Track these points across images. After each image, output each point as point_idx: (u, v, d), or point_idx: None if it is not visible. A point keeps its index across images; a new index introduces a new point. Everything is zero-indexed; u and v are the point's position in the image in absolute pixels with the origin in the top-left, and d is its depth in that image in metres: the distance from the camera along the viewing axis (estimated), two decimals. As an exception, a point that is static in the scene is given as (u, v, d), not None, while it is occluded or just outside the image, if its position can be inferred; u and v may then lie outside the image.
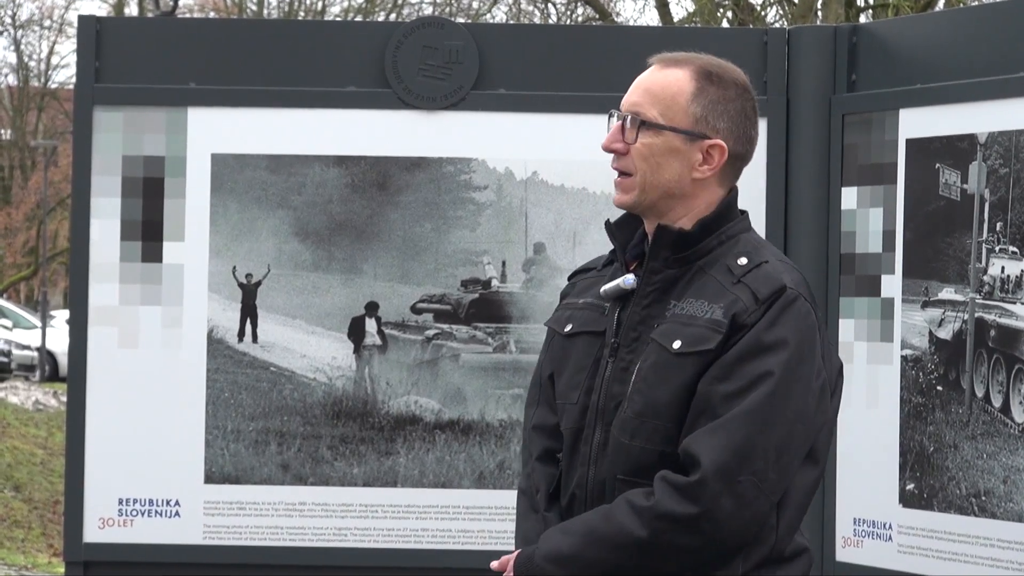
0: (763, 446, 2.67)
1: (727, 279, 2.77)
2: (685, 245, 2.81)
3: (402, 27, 4.77)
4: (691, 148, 2.82)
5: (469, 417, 4.68)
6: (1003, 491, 4.15)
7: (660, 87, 2.83)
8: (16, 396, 20.88)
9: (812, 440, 2.75)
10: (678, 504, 2.66)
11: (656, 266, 2.82)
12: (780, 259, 2.83)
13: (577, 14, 24.79)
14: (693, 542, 2.67)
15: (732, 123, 2.83)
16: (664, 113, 2.81)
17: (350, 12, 31.22)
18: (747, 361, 2.69)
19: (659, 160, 2.81)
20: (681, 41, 4.91)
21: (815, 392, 2.73)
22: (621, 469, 2.78)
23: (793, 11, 18.58)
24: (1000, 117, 4.21)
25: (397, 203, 4.71)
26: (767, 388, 2.67)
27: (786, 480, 2.71)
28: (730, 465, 2.65)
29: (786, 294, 2.73)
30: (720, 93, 2.83)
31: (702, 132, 2.81)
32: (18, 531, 14.51)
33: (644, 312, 2.82)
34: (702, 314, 2.74)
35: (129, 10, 36.06)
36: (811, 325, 2.74)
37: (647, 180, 2.82)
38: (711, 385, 2.71)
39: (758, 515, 2.69)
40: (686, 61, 2.85)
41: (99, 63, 4.73)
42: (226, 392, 4.69)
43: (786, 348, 2.69)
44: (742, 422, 2.67)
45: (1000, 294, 4.20)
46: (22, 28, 41.07)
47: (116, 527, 4.68)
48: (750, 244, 2.83)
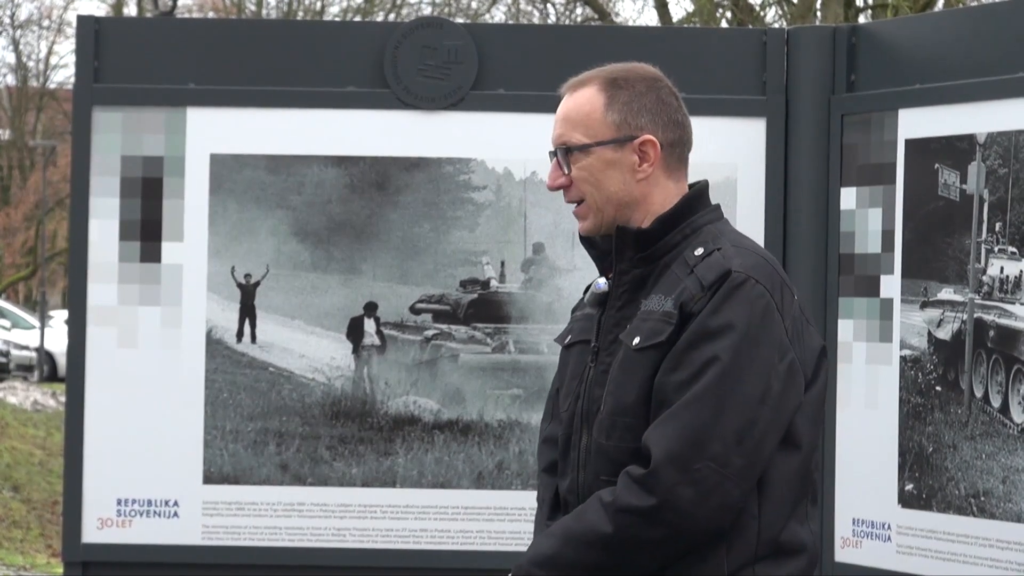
0: (718, 431, 2.67)
1: (684, 271, 2.80)
2: (646, 243, 2.85)
3: (401, 27, 4.77)
4: (624, 154, 2.87)
5: (468, 417, 4.68)
6: (1002, 491, 4.15)
7: (575, 110, 2.90)
8: (15, 396, 20.87)
9: (784, 423, 2.74)
10: (636, 497, 2.68)
11: (623, 267, 2.87)
12: (737, 244, 2.84)
13: (576, 14, 24.79)
14: (658, 533, 2.68)
15: (652, 115, 2.88)
16: (587, 133, 2.87)
17: (349, 12, 31.23)
18: (694, 348, 2.72)
19: (599, 177, 2.87)
20: (680, 41, 4.92)
21: (780, 374, 2.72)
22: (604, 470, 2.80)
23: (792, 11, 18.58)
24: (999, 117, 4.21)
25: (396, 203, 4.71)
26: (715, 372, 2.69)
27: (756, 465, 2.71)
28: (683, 453, 2.67)
29: (731, 278, 2.74)
30: (630, 93, 2.88)
31: (627, 135, 2.86)
32: (17, 531, 14.51)
33: (619, 314, 2.86)
34: (658, 308, 2.78)
35: (128, 10, 36.05)
36: (764, 307, 2.73)
37: (597, 200, 2.88)
38: (665, 376, 2.74)
39: (725, 502, 2.68)
40: (590, 78, 2.92)
41: (98, 63, 4.73)
42: (225, 392, 4.69)
43: (733, 332, 2.70)
44: (691, 409, 2.68)
45: (999, 294, 4.20)
46: (21, 28, 41.07)
47: (115, 527, 4.68)
48: (711, 234, 2.86)
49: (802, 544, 2.80)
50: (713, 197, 2.96)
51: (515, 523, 4.64)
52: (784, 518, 2.77)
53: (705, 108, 4.67)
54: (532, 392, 4.67)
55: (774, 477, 2.75)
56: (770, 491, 2.74)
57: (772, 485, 2.75)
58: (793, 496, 2.78)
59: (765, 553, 2.75)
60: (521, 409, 4.67)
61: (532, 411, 4.65)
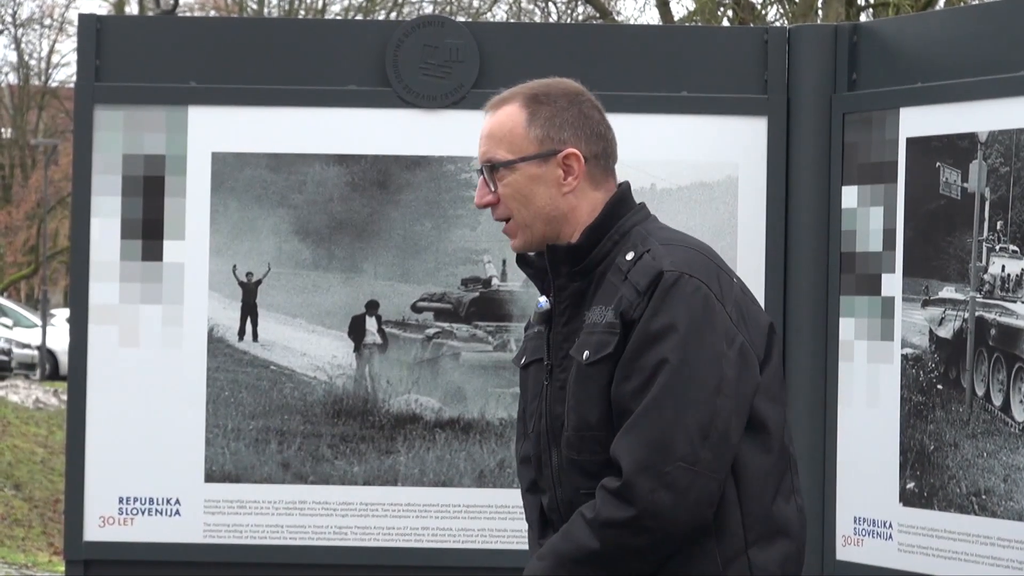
0: (681, 431, 2.68)
1: (618, 278, 2.81)
2: (578, 257, 2.86)
3: (402, 26, 4.77)
4: (548, 168, 2.88)
5: (469, 416, 4.69)
6: (1003, 490, 4.15)
7: (498, 127, 2.90)
8: (17, 395, 20.88)
9: (746, 408, 2.75)
10: (616, 509, 2.70)
11: (561, 283, 2.88)
12: (666, 242, 2.84)
13: (577, 13, 24.80)
14: (644, 541, 2.70)
15: (575, 129, 2.89)
16: (511, 148, 2.88)
17: (350, 11, 31.22)
18: (641, 355, 2.73)
19: (525, 193, 2.88)
20: (681, 40, 4.92)
21: (732, 360, 2.73)
22: (582, 484, 2.82)
23: (793, 10, 18.58)
24: (1001, 116, 4.21)
25: (397, 202, 4.71)
26: (666, 375, 2.70)
27: (726, 455, 2.72)
28: (651, 459, 2.68)
29: (664, 278, 2.75)
30: (551, 108, 2.90)
31: (550, 149, 2.87)
32: (19, 530, 14.52)
33: (565, 329, 2.88)
34: (601, 319, 2.79)
35: (130, 9, 36.05)
36: (702, 300, 2.74)
37: (524, 216, 2.89)
38: (619, 386, 2.75)
39: (703, 497, 2.70)
40: (512, 96, 2.93)
41: (99, 62, 4.73)
42: (226, 391, 4.69)
43: (675, 332, 2.72)
44: (651, 415, 2.70)
45: (1000, 293, 4.20)
46: (23, 27, 41.07)
47: (116, 526, 4.68)
48: (639, 236, 2.86)
49: (788, 521, 2.80)
50: (715, 195, 2.96)
51: (516, 521, 4.63)
52: (768, 498, 2.78)
53: (706, 107, 4.68)
54: (533, 390, 4.67)
55: (747, 462, 2.76)
56: (746, 476, 2.76)
57: (747, 469, 2.76)
58: (774, 476, 2.80)
59: (755, 537, 2.76)
60: (522, 407, 4.67)
61: (533, 409, 4.64)
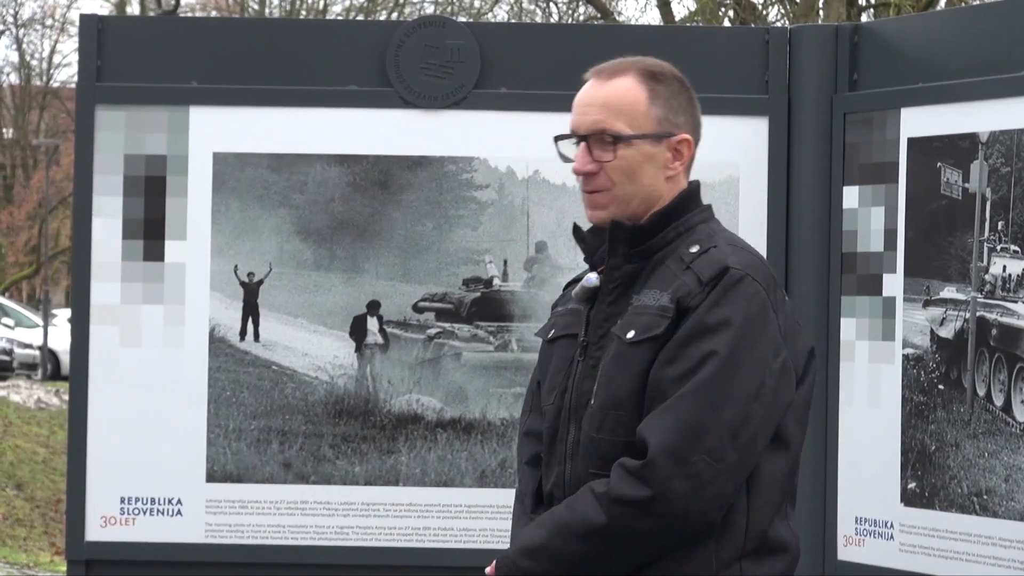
0: (714, 425, 2.68)
1: (679, 267, 2.80)
2: (641, 239, 2.85)
3: (403, 26, 4.77)
4: (660, 149, 2.86)
5: (471, 416, 4.69)
6: (1004, 490, 4.15)
7: (616, 99, 2.85)
8: (18, 395, 20.88)
9: (776, 420, 2.75)
10: (631, 487, 2.68)
11: (615, 262, 2.86)
12: (732, 243, 2.85)
13: (579, 13, 24.80)
14: (651, 525, 2.69)
15: (687, 115, 2.90)
16: (631, 123, 2.85)
17: (351, 11, 31.22)
18: (692, 342, 2.72)
19: (635, 169, 2.85)
20: (682, 40, 4.92)
21: (774, 372, 2.74)
22: (593, 464, 2.80)
23: (794, 10, 18.58)
24: (1002, 116, 4.21)
25: (399, 202, 4.71)
26: (713, 367, 2.69)
27: (748, 461, 2.72)
28: (679, 445, 2.67)
29: (729, 274, 2.75)
30: (668, 89, 2.88)
31: (667, 131, 2.86)
32: (20, 530, 14.52)
33: (609, 309, 2.85)
34: (654, 302, 2.78)
35: (131, 9, 36.07)
36: (760, 304, 2.74)
37: (626, 191, 2.86)
38: (660, 369, 2.74)
39: (719, 496, 2.69)
40: (624, 68, 2.88)
41: (101, 62, 4.74)
42: (228, 391, 4.70)
43: (730, 327, 2.71)
44: (689, 402, 2.69)
45: (1001, 293, 4.20)
46: (24, 27, 41.10)
47: (118, 526, 4.69)
48: (705, 233, 2.86)
49: (785, 541, 2.81)
50: (716, 196, 2.98)
51: (518, 521, 4.64)
52: (771, 516, 2.78)
53: (707, 107, 4.60)
54: (535, 390, 4.67)
55: (764, 475, 2.76)
56: (759, 488, 2.76)
57: (761, 482, 2.76)
58: (779, 495, 2.80)
59: (752, 549, 2.76)
60: (524, 407, 4.67)
61: (535, 409, 4.65)
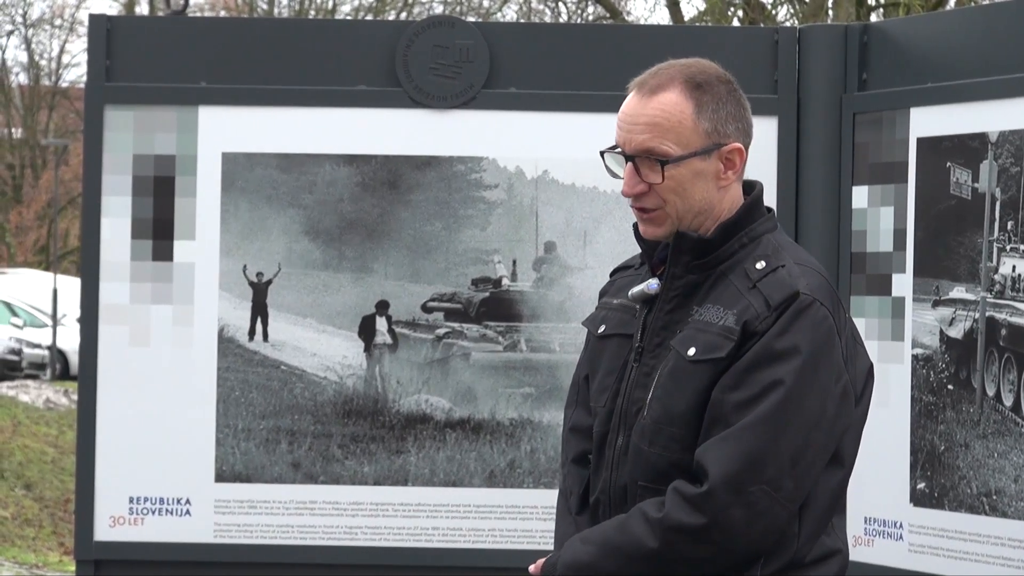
0: (775, 455, 2.65)
1: (744, 284, 2.74)
2: (705, 251, 2.79)
3: (412, 26, 4.77)
4: (711, 162, 2.78)
5: (480, 416, 4.69)
6: (1014, 490, 4.15)
7: (662, 117, 2.77)
8: (27, 395, 20.91)
9: (834, 446, 2.74)
10: (687, 515, 2.65)
11: (677, 272, 2.80)
12: (800, 261, 2.78)
13: (588, 13, 24.79)
14: (705, 552, 2.67)
15: (737, 121, 2.81)
16: (679, 141, 2.76)
17: (360, 11, 31.24)
18: (758, 369, 2.67)
19: (686, 186, 2.77)
20: (691, 40, 4.92)
21: (835, 397, 2.71)
22: (641, 475, 2.77)
23: (804, 10, 18.56)
24: (1011, 116, 4.20)
25: (408, 202, 4.71)
26: (778, 396, 2.65)
27: (805, 487, 2.70)
28: (739, 475, 2.64)
29: (799, 300, 2.70)
30: (714, 98, 2.78)
31: (716, 143, 2.78)
32: (29, 529, 14.54)
33: (667, 317, 2.80)
34: (717, 320, 2.73)
35: (140, 9, 36.11)
36: (827, 331, 2.70)
37: (678, 208, 2.79)
38: (723, 393, 2.69)
39: (774, 525, 2.67)
40: (669, 80, 2.78)
41: (110, 62, 4.74)
42: (237, 391, 4.70)
43: (798, 356, 2.67)
44: (752, 431, 2.65)
45: (1011, 293, 4.20)
46: (33, 27, 41.15)
47: (127, 525, 4.69)
48: (771, 246, 2.79)
49: (831, 548, 2.79)
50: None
51: (527, 521, 4.64)
52: (819, 534, 2.77)
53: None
54: (544, 391, 4.67)
55: (818, 495, 2.74)
56: (812, 508, 2.74)
57: (815, 502, 2.74)
58: (829, 512, 2.78)
59: (797, 562, 2.74)
60: (533, 408, 4.67)
61: (544, 409, 4.65)
